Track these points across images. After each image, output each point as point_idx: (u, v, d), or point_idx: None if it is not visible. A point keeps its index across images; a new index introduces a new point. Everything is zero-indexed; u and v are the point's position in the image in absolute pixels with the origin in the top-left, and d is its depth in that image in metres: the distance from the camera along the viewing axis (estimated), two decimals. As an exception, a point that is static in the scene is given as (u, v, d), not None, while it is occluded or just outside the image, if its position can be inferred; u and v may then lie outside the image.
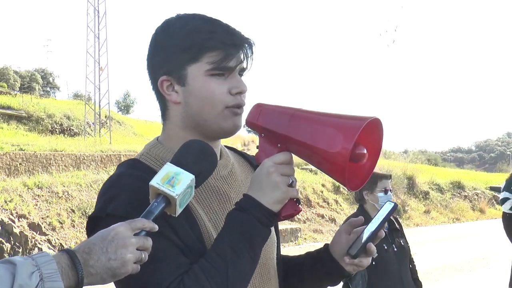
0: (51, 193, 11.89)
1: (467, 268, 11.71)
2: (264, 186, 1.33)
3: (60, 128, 24.48)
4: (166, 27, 1.46)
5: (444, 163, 60.02)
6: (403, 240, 4.06)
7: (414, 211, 21.96)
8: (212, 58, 1.40)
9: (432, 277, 10.34)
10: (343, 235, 1.54)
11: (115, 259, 1.12)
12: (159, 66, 1.45)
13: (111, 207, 1.32)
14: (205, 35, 1.40)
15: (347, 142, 1.26)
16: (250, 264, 1.32)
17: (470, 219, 23.79)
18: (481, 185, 29.75)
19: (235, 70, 1.43)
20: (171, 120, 1.49)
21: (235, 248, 1.29)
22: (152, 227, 1.19)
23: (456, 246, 14.86)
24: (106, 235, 1.14)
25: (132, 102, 52.62)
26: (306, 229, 15.49)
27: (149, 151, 1.50)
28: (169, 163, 1.27)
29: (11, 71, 46.59)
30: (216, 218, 1.43)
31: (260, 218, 1.32)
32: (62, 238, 10.70)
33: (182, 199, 1.24)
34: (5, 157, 13.47)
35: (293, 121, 1.35)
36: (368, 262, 1.50)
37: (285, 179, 1.34)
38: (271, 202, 1.33)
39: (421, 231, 18.51)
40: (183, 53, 1.41)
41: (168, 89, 1.45)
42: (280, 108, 1.39)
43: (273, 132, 1.38)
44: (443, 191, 25.93)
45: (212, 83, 1.41)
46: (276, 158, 1.35)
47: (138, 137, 29.19)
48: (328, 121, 1.32)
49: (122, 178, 1.39)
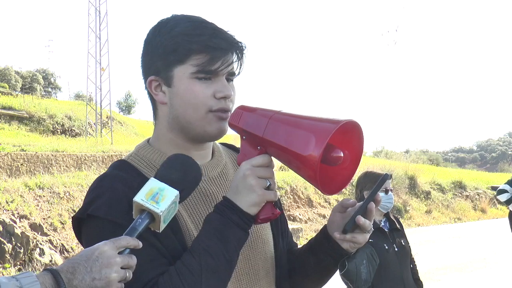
0: (53, 194, 11.88)
1: (469, 268, 11.69)
2: (240, 189, 1.33)
3: (61, 128, 24.51)
4: (158, 28, 1.47)
5: (446, 163, 60.00)
6: (404, 240, 4.05)
7: (415, 211, 21.94)
8: (197, 61, 1.40)
9: (433, 277, 10.32)
10: (337, 213, 1.51)
11: (100, 278, 1.12)
12: (148, 66, 1.47)
13: (91, 208, 1.33)
14: (191, 38, 1.40)
15: (319, 145, 1.24)
16: (226, 266, 1.31)
17: (471, 219, 23.75)
18: (483, 185, 29.70)
19: (220, 73, 1.43)
20: (160, 121, 1.50)
21: (209, 250, 1.29)
22: (136, 245, 1.18)
23: (457, 246, 14.84)
24: (90, 254, 1.13)
25: (134, 102, 52.67)
26: (307, 229, 15.47)
27: (138, 152, 1.51)
28: (153, 178, 1.25)
29: (13, 72, 46.65)
30: (200, 221, 1.42)
31: (236, 220, 1.32)
32: (63, 238, 10.69)
33: (166, 215, 1.23)
34: (7, 157, 13.48)
35: (271, 124, 1.34)
36: (364, 238, 1.45)
37: (261, 181, 1.33)
38: (247, 205, 1.32)
39: (422, 231, 18.49)
40: (170, 55, 1.41)
41: (156, 89, 1.46)
42: (260, 111, 1.39)
43: (252, 134, 1.37)
44: (444, 191, 25.90)
45: (197, 86, 1.41)
46: (254, 161, 1.35)
47: (140, 137, 29.19)
48: (303, 124, 1.31)
49: (105, 179, 1.40)
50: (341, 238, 1.45)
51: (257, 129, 1.36)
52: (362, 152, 1.39)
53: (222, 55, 1.41)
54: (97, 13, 25.76)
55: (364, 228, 1.43)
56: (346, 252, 1.50)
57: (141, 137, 29.07)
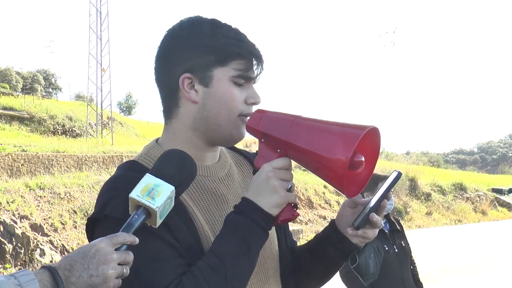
0: (53, 194, 11.89)
1: (469, 269, 11.70)
2: (262, 190, 1.34)
3: (62, 129, 24.53)
4: (195, 25, 1.46)
5: (446, 165, 60.04)
6: (404, 241, 4.05)
7: (416, 212, 21.95)
8: (239, 65, 1.42)
9: (434, 279, 10.33)
10: (348, 208, 1.53)
11: (97, 275, 1.12)
12: (181, 62, 1.44)
13: (108, 209, 1.33)
14: (236, 42, 1.42)
15: (347, 150, 1.28)
16: (248, 266, 1.33)
17: (472, 220, 23.77)
18: (483, 186, 29.75)
19: (252, 81, 1.47)
20: (180, 119, 1.47)
21: (233, 250, 1.30)
22: (133, 241, 1.19)
23: (458, 248, 14.85)
24: (87, 252, 1.14)
25: (134, 103, 52.67)
26: (308, 231, 15.48)
27: (148, 152, 1.50)
28: (148, 174, 1.26)
29: (13, 72, 46.69)
30: (214, 220, 1.44)
31: (258, 221, 1.33)
32: (64, 239, 10.70)
33: (162, 211, 1.23)
34: (7, 158, 13.49)
35: (294, 128, 1.37)
36: (374, 234, 1.48)
37: (283, 183, 1.36)
38: (269, 206, 1.34)
39: (423, 232, 18.50)
40: (211, 55, 1.41)
41: (188, 86, 1.44)
42: (281, 115, 1.41)
43: (274, 137, 1.39)
44: (445, 193, 25.92)
45: (234, 89, 1.43)
46: (275, 163, 1.37)
47: (140, 138, 29.24)
48: (328, 129, 1.34)
49: (119, 179, 1.40)
50: (353, 234, 1.46)
51: (279, 132, 1.38)
52: (378, 156, 1.43)
53: (258, 64, 1.46)
54: (98, 14, 25.78)
55: (376, 224, 1.46)
56: (356, 247, 1.52)
57: (142, 138, 29.12)
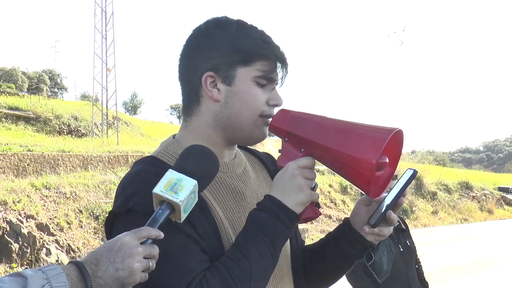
0: (59, 194, 11.93)
1: (475, 269, 11.67)
2: (288, 188, 1.36)
3: (67, 129, 24.57)
4: (221, 25, 1.47)
5: (452, 164, 59.87)
6: (409, 241, 4.06)
7: (421, 211, 21.91)
8: (263, 66, 1.44)
9: (440, 278, 10.31)
10: (362, 206, 1.53)
11: (123, 268, 1.13)
12: (205, 60, 1.45)
13: (131, 203, 1.33)
14: (261, 43, 1.44)
15: (376, 151, 1.29)
16: (272, 263, 1.34)
17: (478, 219, 23.71)
18: (489, 185, 29.67)
19: (275, 82, 1.49)
20: (200, 117, 1.48)
21: (258, 247, 1.31)
22: (158, 235, 1.20)
23: (464, 247, 14.82)
24: (112, 246, 1.15)
25: (140, 103, 52.82)
26: (313, 230, 15.48)
27: (166, 148, 1.50)
28: (170, 170, 1.27)
29: (19, 72, 46.83)
30: (233, 216, 1.45)
31: (283, 218, 1.34)
32: (69, 238, 10.73)
33: (186, 205, 1.24)
34: (13, 157, 13.53)
35: (321, 128, 1.38)
36: (389, 231, 1.50)
37: (308, 182, 1.37)
38: (294, 204, 1.35)
39: (428, 231, 18.47)
40: (236, 54, 1.42)
41: (210, 85, 1.45)
42: (306, 115, 1.43)
43: (299, 137, 1.41)
44: (451, 192, 25.86)
45: (257, 90, 1.44)
46: (301, 162, 1.39)
47: (146, 137, 29.28)
48: (356, 130, 1.36)
49: (141, 174, 1.40)
50: (370, 231, 1.48)
51: (305, 131, 1.40)
52: (399, 157, 1.45)
53: (282, 67, 1.48)
54: (103, 14, 25.82)
55: (392, 222, 1.47)
56: (370, 244, 1.53)
57: (147, 137, 29.16)
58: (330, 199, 18.99)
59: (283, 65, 1.48)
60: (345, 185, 20.09)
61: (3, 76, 45.04)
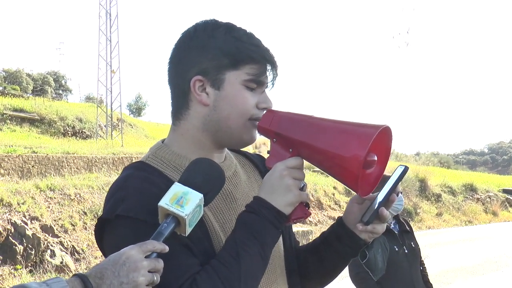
0: (64, 196, 11.93)
1: (480, 271, 11.63)
2: (276, 189, 1.36)
3: (72, 130, 24.62)
4: (209, 28, 1.46)
5: (457, 166, 59.75)
6: (413, 242, 4.05)
7: (426, 213, 21.85)
8: (252, 70, 1.43)
9: (444, 280, 10.28)
10: (355, 204, 1.53)
11: (127, 282, 1.13)
12: (193, 64, 1.45)
13: (120, 209, 1.32)
14: (250, 46, 1.43)
15: (362, 148, 1.28)
16: (262, 265, 1.34)
17: (482, 221, 23.62)
18: (494, 187, 29.54)
19: (264, 86, 1.48)
20: (189, 121, 1.48)
21: (247, 249, 1.30)
22: (163, 249, 1.19)
23: (468, 249, 14.77)
24: (117, 259, 1.15)
25: (144, 104, 52.84)
26: (317, 232, 15.44)
27: (155, 153, 1.50)
28: (177, 183, 1.27)
29: (24, 74, 46.96)
30: (223, 219, 1.45)
31: (272, 220, 1.34)
32: (74, 240, 10.73)
33: (191, 219, 1.24)
34: (18, 159, 13.56)
35: (308, 127, 1.38)
36: (382, 229, 1.50)
37: (297, 182, 1.37)
38: (283, 205, 1.35)
39: (433, 233, 18.42)
40: (225, 58, 1.42)
41: (199, 89, 1.44)
42: (293, 115, 1.42)
43: (287, 137, 1.40)
44: (455, 194, 25.78)
45: (246, 93, 1.44)
46: (289, 162, 1.38)
47: (150, 139, 29.29)
48: (343, 128, 1.35)
49: (130, 179, 1.39)
50: (363, 229, 1.48)
51: (293, 131, 1.39)
52: (389, 155, 1.44)
53: (272, 69, 1.48)
54: (108, 16, 25.87)
55: (385, 219, 1.47)
56: (364, 242, 1.53)
57: (152, 139, 29.17)
58: (334, 201, 18.96)
59: (272, 68, 1.48)
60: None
61: (8, 78, 45.16)
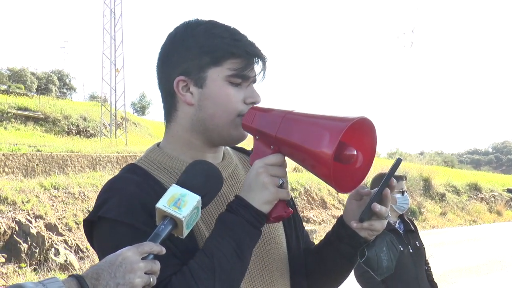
0: (68, 194, 11.96)
1: (484, 270, 11.61)
2: (253, 187, 1.34)
3: (76, 129, 24.66)
4: (190, 28, 1.46)
5: (461, 165, 59.68)
6: (418, 242, 4.04)
7: (430, 213, 21.82)
8: (234, 65, 1.41)
9: (448, 279, 10.27)
10: (353, 201, 1.50)
11: (124, 284, 1.13)
12: (176, 65, 1.45)
13: (102, 210, 1.33)
14: (230, 41, 1.42)
15: (332, 142, 1.26)
16: (239, 265, 1.32)
17: (487, 221, 23.58)
18: (498, 187, 29.49)
19: (250, 80, 1.46)
20: (178, 122, 1.48)
21: (223, 249, 1.29)
22: (160, 251, 1.19)
23: (473, 249, 14.75)
24: (114, 260, 1.15)
25: (148, 103, 52.78)
26: (321, 231, 15.44)
27: (147, 155, 1.51)
28: (174, 185, 1.27)
29: (28, 73, 46.99)
30: (212, 221, 1.42)
31: (249, 219, 1.32)
32: (78, 238, 10.75)
33: (189, 221, 1.24)
34: (22, 158, 13.59)
35: (284, 123, 1.36)
36: (382, 225, 1.45)
37: (274, 179, 1.35)
38: (260, 203, 1.33)
39: (437, 233, 18.40)
40: (205, 56, 1.41)
41: (183, 89, 1.44)
42: (273, 111, 1.40)
43: (266, 134, 1.39)
44: (459, 193, 25.74)
45: (230, 89, 1.42)
46: (267, 160, 1.37)
47: (154, 138, 29.29)
48: (316, 122, 1.33)
49: (117, 181, 1.41)
50: (358, 227, 1.45)
51: (271, 128, 1.37)
52: (375, 150, 1.40)
53: (256, 63, 1.46)
54: (112, 15, 25.89)
55: (381, 215, 1.43)
56: (365, 240, 1.50)
57: (156, 138, 29.18)
58: (338, 200, 18.95)
59: (259, 61, 1.46)
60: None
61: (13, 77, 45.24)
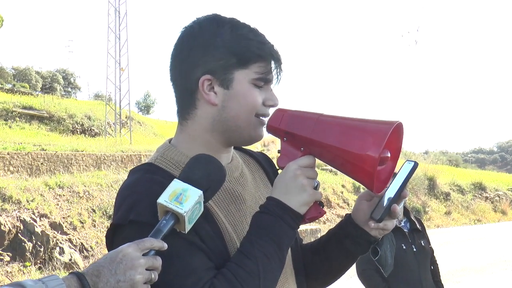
0: (72, 193, 11.99)
1: (489, 270, 11.59)
2: (290, 189, 1.34)
3: (81, 128, 24.68)
4: (215, 25, 1.43)
5: (465, 164, 59.43)
6: (424, 241, 4.00)
7: (435, 212, 21.80)
8: (260, 68, 1.41)
9: (453, 279, 10.25)
10: (364, 201, 1.51)
11: (124, 280, 1.12)
12: (198, 63, 1.42)
13: (133, 214, 1.29)
14: (257, 44, 1.41)
15: (378, 146, 1.28)
16: (279, 265, 1.33)
17: (491, 220, 23.54)
18: (503, 186, 29.43)
19: (271, 83, 1.46)
20: (197, 121, 1.45)
21: (265, 251, 1.29)
22: (161, 246, 1.18)
23: (477, 248, 14.72)
24: (114, 257, 1.14)
25: (153, 102, 52.92)
26: (325, 230, 15.38)
27: (163, 154, 1.47)
28: (176, 180, 1.26)
29: (33, 72, 47.15)
30: (234, 220, 1.43)
31: (288, 220, 1.33)
32: (83, 237, 10.78)
33: (191, 216, 1.23)
34: (27, 157, 13.62)
35: (319, 125, 1.36)
36: (393, 225, 1.49)
37: (310, 181, 1.36)
38: (298, 205, 1.34)
39: (442, 232, 18.37)
40: (233, 57, 1.40)
41: (207, 88, 1.42)
42: (303, 113, 1.41)
43: (298, 136, 1.39)
44: (464, 192, 25.70)
45: (254, 91, 1.42)
46: (301, 161, 1.37)
47: (158, 137, 29.34)
48: (356, 125, 1.34)
49: (140, 183, 1.37)
50: (375, 227, 1.46)
51: (303, 130, 1.38)
52: (400, 150, 1.43)
53: (278, 66, 1.45)
54: (117, 14, 25.92)
55: (396, 215, 1.45)
56: (374, 239, 1.51)
57: (160, 137, 29.22)
58: (343, 199, 18.94)
59: (278, 65, 1.45)
60: (358, 185, 20.01)
61: (17, 76, 45.38)
